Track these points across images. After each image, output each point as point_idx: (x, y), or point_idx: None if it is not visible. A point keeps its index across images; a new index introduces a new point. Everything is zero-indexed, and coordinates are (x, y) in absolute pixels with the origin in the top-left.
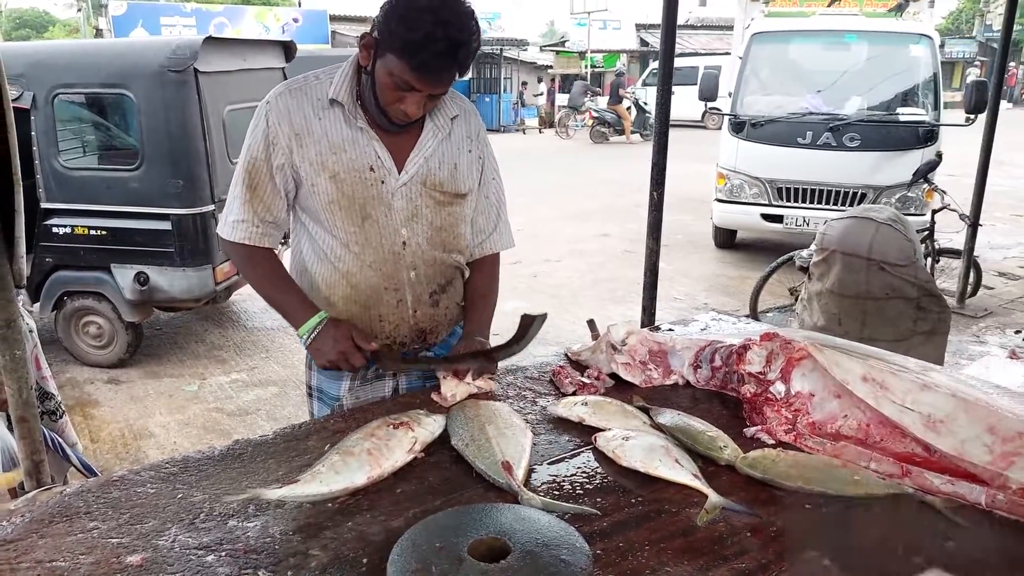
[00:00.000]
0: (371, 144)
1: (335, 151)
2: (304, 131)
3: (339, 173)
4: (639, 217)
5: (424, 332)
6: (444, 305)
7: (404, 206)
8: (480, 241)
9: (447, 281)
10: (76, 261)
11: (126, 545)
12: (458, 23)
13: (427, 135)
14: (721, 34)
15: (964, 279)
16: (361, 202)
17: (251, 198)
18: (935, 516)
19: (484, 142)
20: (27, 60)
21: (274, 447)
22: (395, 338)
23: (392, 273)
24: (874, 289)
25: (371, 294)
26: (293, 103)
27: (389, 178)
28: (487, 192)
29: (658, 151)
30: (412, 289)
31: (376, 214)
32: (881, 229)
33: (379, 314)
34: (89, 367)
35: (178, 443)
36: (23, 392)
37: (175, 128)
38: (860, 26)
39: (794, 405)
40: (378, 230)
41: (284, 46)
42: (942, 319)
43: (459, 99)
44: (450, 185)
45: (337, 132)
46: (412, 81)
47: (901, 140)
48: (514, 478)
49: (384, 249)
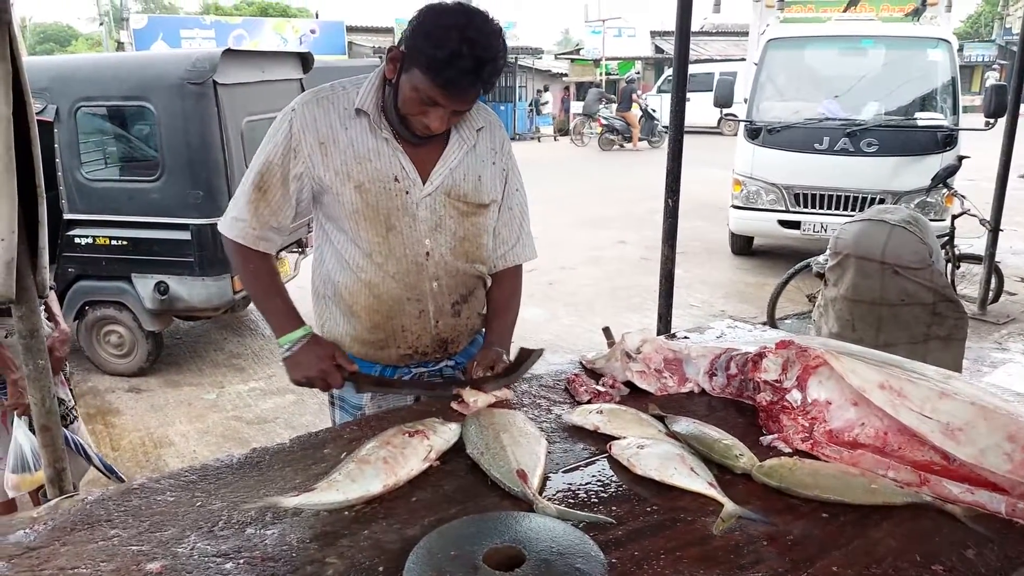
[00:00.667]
0: (396, 155)
1: (360, 161)
2: (329, 140)
3: (364, 183)
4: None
5: (446, 342)
6: (466, 315)
7: (428, 216)
8: (503, 252)
9: (469, 291)
10: (97, 271)
11: (146, 553)
12: (484, 42)
13: (453, 147)
14: (736, 40)
15: (986, 285)
16: (385, 212)
17: (257, 200)
18: (954, 525)
19: (508, 154)
20: (51, 74)
21: (291, 455)
22: (417, 348)
23: (415, 284)
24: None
25: (393, 304)
26: (320, 112)
27: (414, 189)
28: (511, 203)
29: (673, 158)
30: (434, 300)
31: (400, 224)
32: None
33: (401, 324)
34: (110, 376)
35: (197, 451)
36: (46, 401)
37: (195, 139)
38: (876, 31)
39: (811, 413)
40: (402, 240)
41: (302, 58)
42: (959, 325)
43: (484, 111)
44: (474, 196)
45: (363, 142)
46: (436, 97)
47: (919, 145)
48: (529, 486)
49: (407, 260)
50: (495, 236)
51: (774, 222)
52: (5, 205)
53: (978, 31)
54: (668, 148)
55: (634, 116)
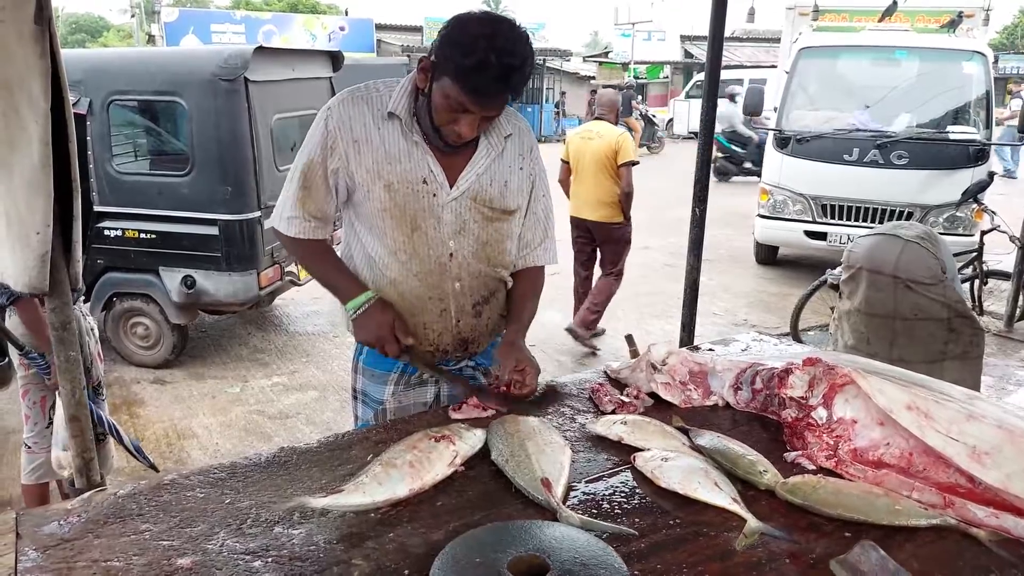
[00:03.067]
0: (425, 158)
1: (391, 161)
2: (363, 139)
3: (393, 183)
4: (680, 231)
5: (466, 341)
6: (487, 316)
7: (453, 220)
8: (525, 254)
9: (490, 293)
10: (126, 263)
11: (176, 548)
12: (511, 48)
13: (481, 153)
14: (768, 47)
15: (1013, 302)
16: (412, 213)
17: (303, 197)
18: (978, 549)
19: (535, 159)
20: (85, 67)
21: (318, 455)
22: (438, 346)
23: (437, 283)
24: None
25: (416, 302)
26: (355, 111)
27: (441, 192)
28: (536, 208)
29: (701, 167)
30: (456, 300)
31: (425, 226)
32: (908, 247)
33: (423, 322)
34: (136, 367)
35: (220, 444)
36: (76, 392)
37: (225, 135)
38: (911, 42)
39: (836, 431)
40: (426, 241)
41: (332, 56)
42: (975, 342)
43: (514, 118)
44: (499, 202)
45: (394, 143)
46: (466, 104)
47: (950, 159)
48: (553, 495)
49: (431, 260)
50: (519, 239)
51: (800, 232)
52: (42, 199)
53: (1014, 43)
54: (697, 156)
55: (635, 122)
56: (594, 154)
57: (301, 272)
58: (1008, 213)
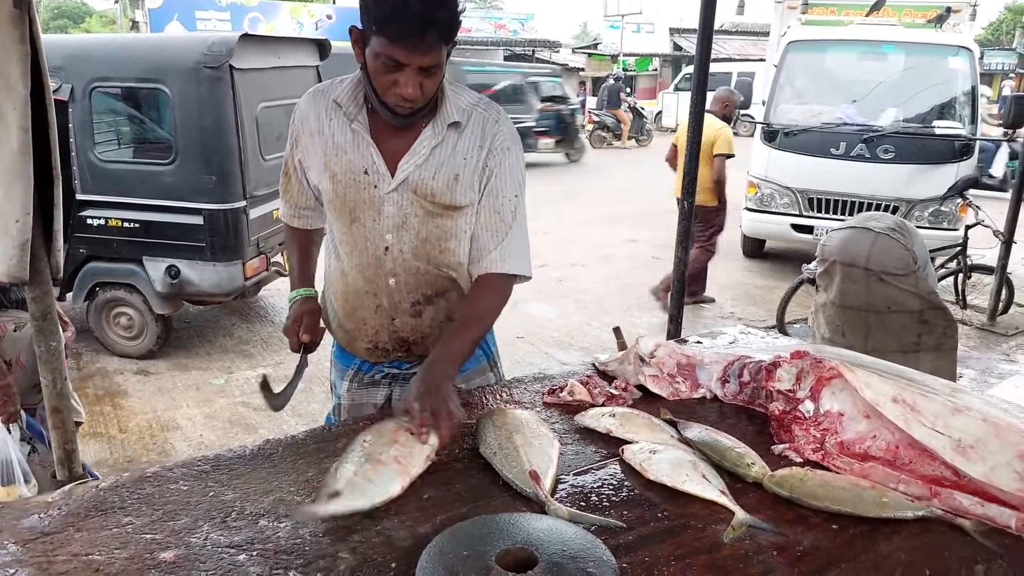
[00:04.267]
0: (368, 148)
1: (337, 152)
2: (316, 131)
3: (337, 174)
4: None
5: (407, 342)
6: (429, 316)
7: (394, 212)
8: (477, 258)
9: (435, 293)
10: (109, 253)
11: (159, 541)
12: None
13: (422, 142)
14: (756, 40)
15: (996, 296)
16: (352, 204)
17: (284, 185)
18: (964, 540)
19: (501, 153)
20: (66, 53)
21: (304, 447)
22: (377, 344)
23: (372, 277)
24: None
25: (355, 295)
26: (312, 104)
27: (382, 183)
28: (499, 207)
29: (690, 159)
30: (390, 296)
31: (364, 217)
32: (879, 239)
33: (362, 317)
34: (119, 357)
35: (204, 436)
36: (57, 383)
37: (209, 124)
38: (898, 37)
39: (823, 424)
40: (364, 233)
41: (318, 44)
42: (948, 333)
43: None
44: (445, 196)
45: (341, 133)
46: (394, 54)
47: (936, 153)
48: (541, 488)
49: (368, 253)
50: (474, 240)
51: (787, 226)
52: (21, 187)
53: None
54: (686, 149)
55: (624, 114)
56: None
57: (287, 262)
58: (991, 207)
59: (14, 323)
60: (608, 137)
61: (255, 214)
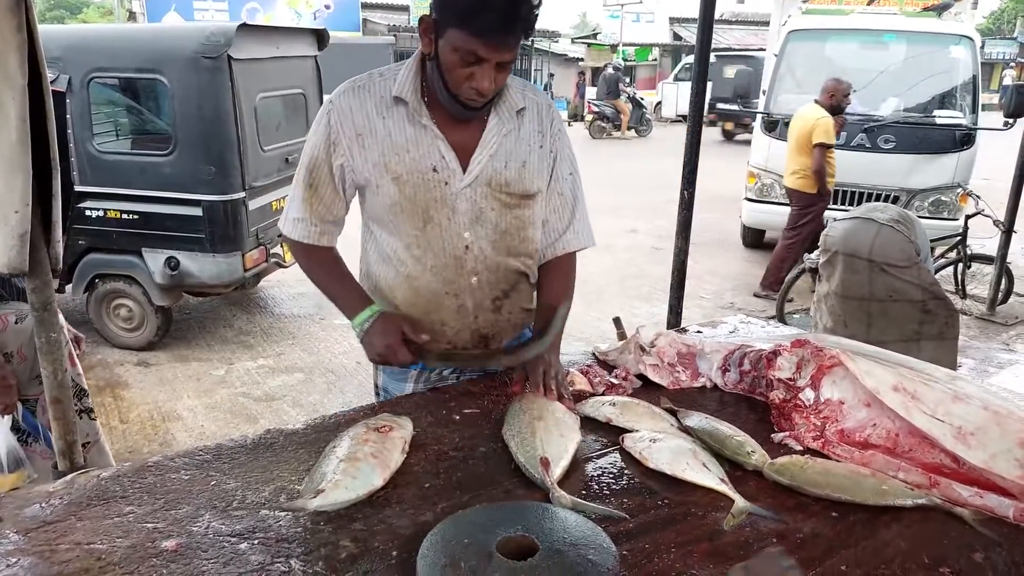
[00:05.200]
0: (435, 143)
1: (398, 151)
2: (367, 131)
3: (402, 175)
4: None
5: (486, 337)
6: (507, 311)
7: (468, 208)
8: (552, 240)
9: (511, 286)
10: (108, 244)
11: (161, 530)
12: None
13: (490, 131)
14: (757, 30)
15: (995, 286)
16: (424, 205)
17: (310, 197)
18: (963, 528)
19: (557, 136)
20: (64, 43)
21: (305, 437)
22: (456, 343)
23: (453, 278)
24: (877, 291)
25: (432, 299)
26: (356, 103)
27: (453, 179)
28: (561, 189)
29: (690, 149)
30: (473, 295)
31: (439, 217)
32: (882, 230)
33: (440, 319)
34: (119, 349)
35: (205, 426)
36: (58, 374)
37: (208, 114)
38: (899, 26)
39: (823, 412)
40: (440, 234)
41: (317, 34)
42: (949, 323)
43: (531, 91)
44: (517, 185)
45: (400, 131)
46: (476, 49)
47: (937, 143)
48: (548, 475)
49: (446, 254)
50: (544, 225)
51: (787, 216)
52: (19, 178)
53: (1000, 28)
54: (686, 139)
55: (624, 104)
56: (795, 131)
57: (287, 254)
58: (991, 197)
59: (15, 315)
60: (608, 127)
61: (254, 205)
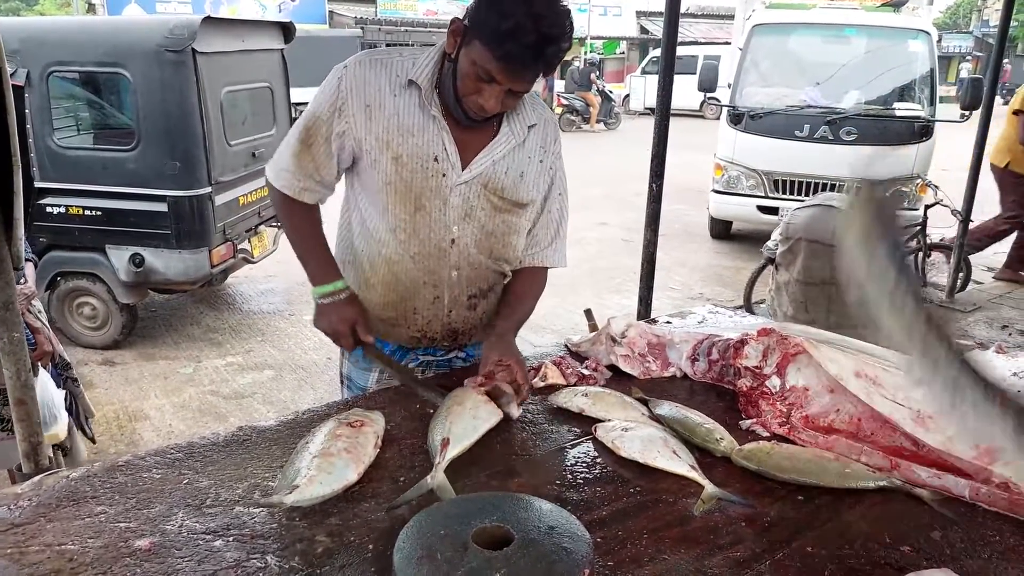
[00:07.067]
0: (441, 134)
1: (403, 133)
2: (376, 105)
3: (402, 156)
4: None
5: (457, 332)
6: (481, 310)
7: (460, 204)
8: (535, 251)
9: (488, 287)
10: (70, 241)
11: (134, 529)
12: (551, 18)
13: (501, 139)
14: (721, 23)
15: (954, 274)
16: (418, 191)
17: (301, 152)
18: (922, 508)
19: (557, 156)
20: (22, 35)
21: (278, 434)
22: (426, 333)
23: (434, 269)
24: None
25: (409, 285)
26: (371, 74)
27: (451, 172)
28: (551, 207)
29: (658, 143)
30: (451, 289)
31: (430, 206)
32: None
33: (414, 307)
34: (83, 348)
35: (173, 425)
36: (22, 374)
37: (172, 109)
38: (859, 20)
39: (789, 399)
40: (428, 223)
41: (283, 27)
42: None
43: (541, 108)
44: (512, 193)
45: (409, 114)
46: (494, 71)
47: (897, 135)
48: (442, 454)
49: (431, 243)
50: (528, 236)
51: (753, 207)
52: None
53: (956, 22)
54: (654, 132)
55: (594, 97)
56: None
57: (255, 249)
58: (949, 187)
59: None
60: (577, 121)
61: (221, 200)
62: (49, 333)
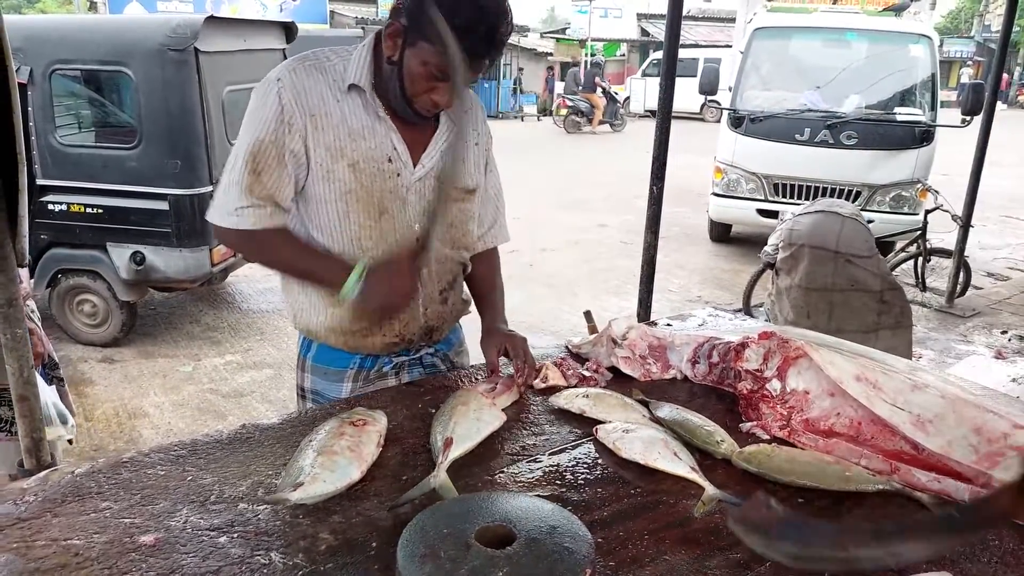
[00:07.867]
0: (390, 135)
1: (354, 138)
2: (321, 113)
3: (359, 162)
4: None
5: (432, 329)
6: (451, 302)
7: (417, 201)
8: (481, 234)
9: (454, 278)
10: (71, 239)
11: (139, 525)
12: (495, 7)
13: (442, 129)
14: (723, 26)
15: (954, 279)
16: (379, 195)
17: (252, 184)
18: (921, 512)
19: (487, 134)
20: (25, 34)
21: (280, 432)
22: (404, 336)
23: None
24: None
25: None
26: (309, 82)
27: (405, 171)
28: (487, 185)
29: (659, 145)
30: (424, 287)
31: (393, 208)
32: (847, 223)
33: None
34: (83, 345)
35: (172, 423)
36: (24, 371)
37: (174, 108)
38: (860, 24)
39: (789, 402)
40: (394, 225)
41: (285, 27)
42: (904, 312)
43: (465, 93)
44: (460, 180)
45: (357, 118)
46: (447, 68)
47: (897, 139)
48: (444, 454)
49: (399, 246)
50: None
51: (753, 211)
52: None
53: (957, 27)
54: (655, 135)
55: (598, 98)
56: None
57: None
58: (949, 191)
59: None
60: (582, 122)
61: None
62: (42, 334)
